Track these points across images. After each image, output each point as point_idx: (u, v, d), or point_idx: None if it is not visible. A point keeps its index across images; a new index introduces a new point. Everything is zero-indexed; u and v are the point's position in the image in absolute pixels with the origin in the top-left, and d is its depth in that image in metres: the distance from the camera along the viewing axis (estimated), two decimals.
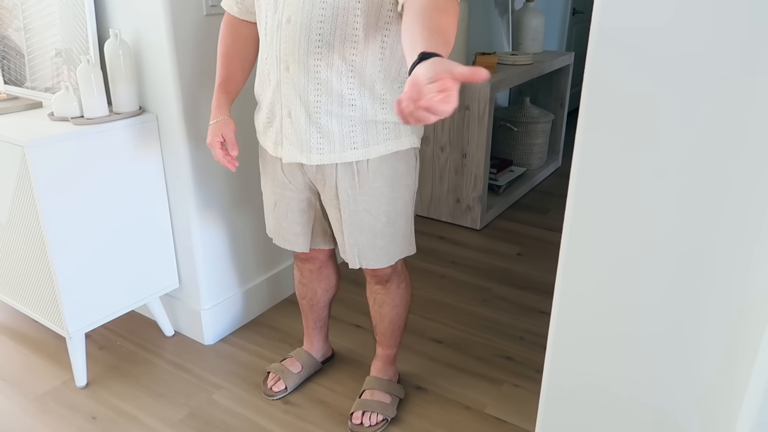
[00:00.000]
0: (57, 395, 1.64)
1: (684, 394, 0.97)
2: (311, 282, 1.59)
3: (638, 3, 0.83)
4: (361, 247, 1.34)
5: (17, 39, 1.82)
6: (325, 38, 1.15)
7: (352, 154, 1.24)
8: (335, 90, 1.19)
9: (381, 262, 1.36)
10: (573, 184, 0.96)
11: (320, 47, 1.16)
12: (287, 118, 1.25)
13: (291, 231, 1.42)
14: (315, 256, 1.53)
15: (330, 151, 1.24)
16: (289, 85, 1.21)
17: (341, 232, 1.35)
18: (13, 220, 1.56)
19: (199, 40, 1.59)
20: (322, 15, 1.14)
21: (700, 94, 0.82)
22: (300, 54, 1.17)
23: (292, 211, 1.39)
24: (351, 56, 1.17)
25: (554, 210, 2.97)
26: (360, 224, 1.31)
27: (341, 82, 1.19)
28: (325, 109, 1.21)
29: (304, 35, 1.16)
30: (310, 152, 1.25)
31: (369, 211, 1.30)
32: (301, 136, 1.25)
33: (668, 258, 0.91)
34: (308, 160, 1.26)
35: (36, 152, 1.41)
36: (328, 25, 1.15)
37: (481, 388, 1.68)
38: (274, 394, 1.62)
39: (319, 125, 1.23)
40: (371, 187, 1.28)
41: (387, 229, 1.33)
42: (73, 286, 1.56)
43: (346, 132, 1.23)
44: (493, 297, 2.16)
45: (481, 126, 2.55)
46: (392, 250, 1.36)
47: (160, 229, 1.74)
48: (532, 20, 3.18)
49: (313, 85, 1.19)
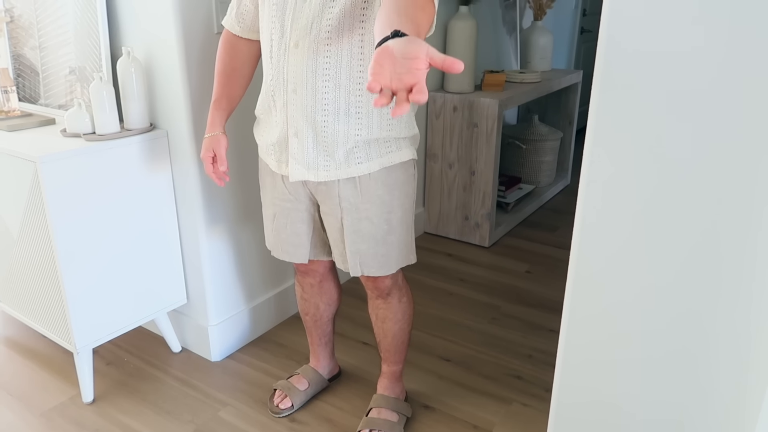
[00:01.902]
0: (63, 411, 1.64)
1: (696, 413, 0.95)
2: (312, 297, 1.59)
3: (645, 23, 0.83)
4: (362, 255, 1.35)
5: (32, 57, 1.85)
6: (332, 62, 1.18)
7: (356, 169, 1.27)
8: (343, 110, 1.21)
9: (383, 269, 1.37)
10: (581, 202, 0.96)
11: (328, 70, 1.18)
12: (294, 137, 1.26)
13: (290, 242, 1.43)
14: (315, 269, 1.53)
15: (336, 167, 1.26)
16: (296, 106, 1.23)
17: (341, 241, 1.36)
18: (25, 235, 1.58)
19: (209, 58, 1.61)
20: (329, 39, 1.16)
21: (707, 112, 0.82)
22: (308, 77, 1.19)
23: (291, 222, 1.40)
24: (358, 76, 1.19)
25: (563, 227, 2.96)
26: (361, 232, 1.32)
27: (349, 102, 1.21)
28: (332, 129, 1.23)
29: (312, 59, 1.18)
30: (317, 170, 1.27)
31: (370, 219, 1.31)
32: (307, 155, 1.26)
33: (678, 275, 0.90)
34: (315, 177, 1.28)
35: (48, 168, 1.43)
36: (335, 49, 1.17)
37: (490, 407, 1.66)
38: (281, 412, 1.61)
39: (326, 144, 1.25)
40: (372, 195, 1.30)
41: (388, 237, 1.34)
42: (81, 301, 1.56)
43: (350, 149, 1.25)
44: (501, 315, 2.14)
45: (490, 143, 2.55)
46: (393, 258, 1.37)
47: (168, 245, 1.75)
48: (541, 38, 3.20)
49: (320, 106, 1.21)
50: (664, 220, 0.89)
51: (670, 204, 0.88)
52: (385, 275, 1.40)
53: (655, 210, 0.90)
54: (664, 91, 0.84)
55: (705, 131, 0.83)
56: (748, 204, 0.82)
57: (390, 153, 1.28)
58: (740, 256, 0.85)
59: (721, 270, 0.87)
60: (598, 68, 0.88)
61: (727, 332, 0.88)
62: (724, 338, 0.89)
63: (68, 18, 1.69)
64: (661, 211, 0.89)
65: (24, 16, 1.83)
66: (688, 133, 0.84)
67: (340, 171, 1.26)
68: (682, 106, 0.84)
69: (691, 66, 0.82)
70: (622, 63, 0.86)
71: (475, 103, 2.54)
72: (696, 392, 0.94)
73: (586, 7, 4.45)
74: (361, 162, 1.26)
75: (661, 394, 0.97)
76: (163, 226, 1.72)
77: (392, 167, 1.30)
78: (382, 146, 1.27)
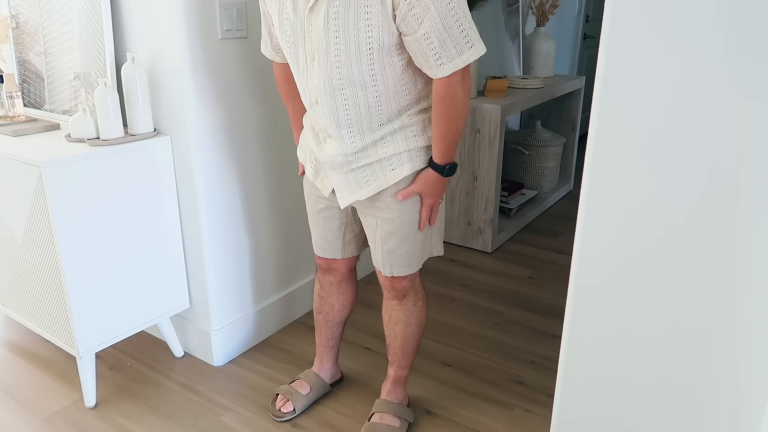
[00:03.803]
0: (66, 415, 1.64)
1: (697, 418, 0.95)
2: (330, 296, 1.61)
3: (646, 29, 0.83)
4: (393, 255, 1.39)
5: (37, 63, 1.86)
6: (352, 112, 1.25)
7: (393, 175, 1.32)
8: (369, 143, 1.29)
9: (412, 267, 1.42)
10: (583, 208, 0.96)
11: (349, 120, 1.27)
12: (332, 171, 1.35)
13: (323, 237, 1.51)
14: (338, 268, 1.56)
15: (375, 179, 1.32)
16: (330, 148, 1.32)
17: (375, 240, 1.40)
18: (29, 239, 1.58)
19: (213, 64, 1.62)
20: (344, 95, 1.23)
21: (708, 117, 0.82)
22: (333, 129, 1.28)
23: (323, 217, 1.47)
24: (377, 111, 1.26)
25: (566, 233, 2.96)
26: (394, 231, 1.37)
27: (374, 135, 1.28)
28: (363, 158, 1.31)
29: (333, 113, 1.26)
30: (360, 189, 1.34)
31: (402, 219, 1.36)
32: (349, 183, 1.34)
33: (679, 282, 0.90)
34: (362, 196, 1.35)
35: (52, 172, 1.43)
36: (351, 101, 1.24)
37: (492, 412, 1.66)
38: (283, 416, 1.61)
39: (362, 170, 1.32)
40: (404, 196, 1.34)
41: (418, 235, 1.39)
42: (84, 306, 1.57)
43: (384, 162, 1.31)
44: (504, 320, 2.14)
45: (492, 149, 2.56)
46: (419, 255, 1.42)
47: (171, 249, 1.75)
48: (543, 44, 3.21)
49: (349, 148, 1.29)
50: (665, 226, 0.89)
51: (671, 210, 0.88)
52: (405, 276, 1.43)
53: (657, 215, 0.90)
54: (666, 97, 0.84)
55: (706, 137, 0.83)
56: (749, 213, 0.82)
57: (419, 158, 1.32)
58: (741, 264, 0.85)
59: (721, 276, 0.87)
60: (599, 74, 0.89)
61: (727, 337, 0.88)
62: (723, 343, 0.89)
63: (73, 24, 1.70)
64: (663, 217, 0.89)
65: (29, 22, 1.84)
66: (689, 139, 0.84)
67: (380, 182, 1.32)
68: (684, 112, 0.84)
69: (692, 71, 0.82)
70: (624, 69, 0.86)
71: (478, 108, 2.55)
72: (696, 397, 0.94)
73: (588, 14, 4.46)
74: (394, 168, 1.31)
75: (662, 399, 0.97)
76: (166, 231, 1.73)
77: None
78: (413, 152, 1.31)
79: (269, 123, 1.84)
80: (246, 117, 1.76)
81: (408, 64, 1.22)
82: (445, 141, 1.27)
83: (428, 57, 1.16)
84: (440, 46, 1.13)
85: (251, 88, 1.75)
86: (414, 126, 1.29)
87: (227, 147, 1.73)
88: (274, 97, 1.84)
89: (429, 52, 1.15)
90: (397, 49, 1.18)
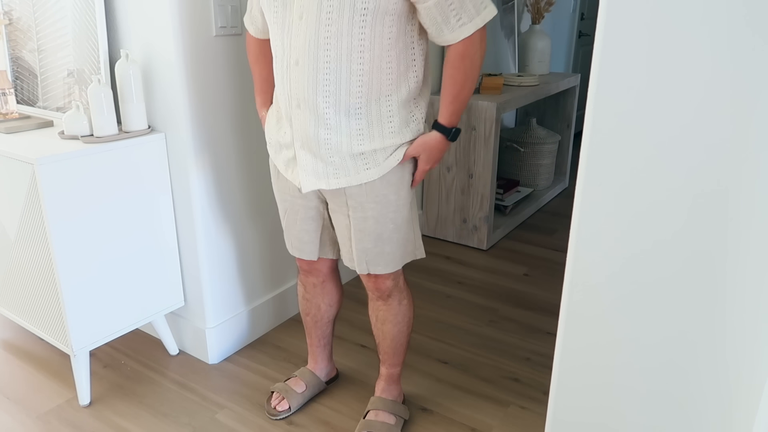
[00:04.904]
0: (60, 414, 1.64)
1: (693, 416, 0.95)
2: (314, 297, 1.60)
3: (641, 26, 0.83)
4: (368, 253, 1.37)
5: (31, 60, 1.85)
6: (332, 79, 1.20)
7: (366, 175, 1.29)
8: (344, 126, 1.24)
9: (389, 266, 1.39)
10: (578, 205, 0.96)
11: (327, 86, 1.21)
12: (301, 150, 1.30)
13: (299, 239, 1.46)
14: (319, 269, 1.54)
15: (345, 175, 1.29)
16: (300, 121, 1.26)
17: (348, 239, 1.37)
18: (22, 237, 1.58)
19: (208, 60, 1.62)
20: (327, 56, 1.18)
21: (705, 116, 0.82)
22: (308, 94, 1.22)
23: (301, 219, 1.43)
24: (357, 92, 1.22)
25: (561, 230, 2.96)
26: (367, 230, 1.34)
27: (350, 118, 1.24)
28: (336, 144, 1.26)
29: (312, 76, 1.20)
30: (327, 178, 1.30)
31: (376, 218, 1.33)
32: (316, 167, 1.30)
33: (675, 279, 0.90)
34: (327, 185, 1.30)
35: (46, 170, 1.43)
36: (334, 67, 1.19)
37: (488, 409, 1.66)
38: (278, 414, 1.61)
39: (331, 158, 1.28)
40: (378, 195, 1.31)
41: (394, 235, 1.36)
42: (78, 304, 1.56)
43: (358, 159, 1.28)
44: (499, 318, 2.14)
45: (488, 146, 2.56)
46: (399, 255, 1.39)
47: (166, 247, 1.75)
48: (539, 42, 3.21)
49: (322, 122, 1.24)
50: (660, 224, 0.90)
51: (667, 207, 0.88)
52: (387, 276, 1.41)
53: (652, 213, 0.90)
54: (661, 95, 0.85)
55: (703, 135, 0.83)
56: (748, 213, 0.83)
57: (396, 155, 1.29)
58: (734, 264, 0.85)
59: (717, 275, 0.87)
60: (594, 72, 0.89)
61: (719, 341, 0.89)
62: (715, 346, 0.89)
63: (67, 21, 1.69)
64: (658, 215, 0.89)
65: (23, 18, 1.83)
66: (685, 138, 0.84)
67: (350, 178, 1.29)
68: (680, 110, 0.84)
69: (688, 69, 0.82)
70: (619, 67, 0.86)
71: (473, 106, 2.55)
72: (688, 400, 0.94)
73: (583, 11, 4.47)
74: (369, 168, 1.28)
75: (657, 397, 0.98)
76: (161, 228, 1.72)
77: (399, 168, 1.31)
78: (389, 151, 1.29)
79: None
80: (240, 114, 1.75)
81: (396, 40, 1.20)
82: (456, 102, 1.26)
83: (449, 18, 1.16)
84: (460, 5, 1.16)
85: (246, 85, 1.75)
86: (393, 120, 1.26)
87: (222, 144, 1.72)
88: None
89: (450, 12, 1.16)
90: (390, 18, 1.17)
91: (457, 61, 1.23)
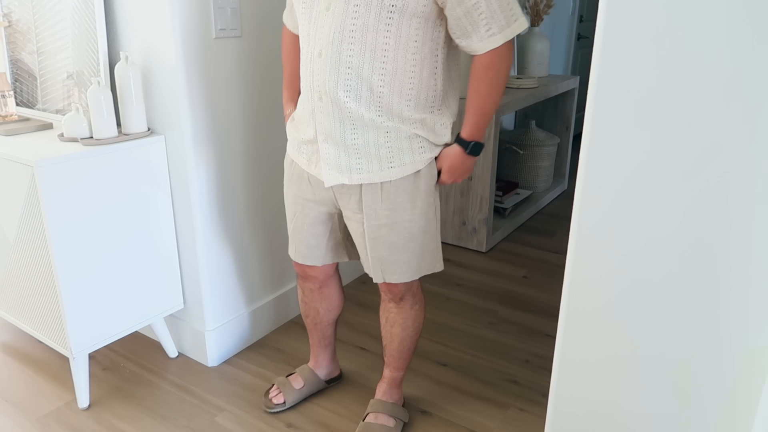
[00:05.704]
0: (59, 416, 1.63)
1: (692, 417, 0.95)
2: (312, 301, 1.60)
3: (640, 28, 0.84)
4: (383, 261, 1.36)
5: (30, 62, 1.85)
6: (354, 72, 1.20)
7: (389, 173, 1.28)
8: (367, 119, 1.24)
9: (405, 276, 1.38)
10: (577, 207, 0.96)
11: (349, 80, 1.20)
12: (324, 143, 1.29)
13: (305, 243, 1.45)
14: (314, 275, 1.54)
15: (369, 171, 1.28)
16: (323, 114, 1.26)
17: (364, 246, 1.37)
18: (21, 239, 1.58)
19: (207, 63, 1.62)
20: (351, 50, 1.18)
21: (704, 116, 0.82)
22: (330, 86, 1.22)
23: (309, 223, 1.42)
24: (379, 88, 1.21)
25: (560, 232, 2.96)
26: (381, 238, 1.33)
27: (371, 111, 1.23)
28: (362, 139, 1.25)
29: (334, 69, 1.20)
30: (350, 173, 1.29)
31: (390, 226, 1.32)
32: (340, 160, 1.28)
33: (674, 280, 0.90)
34: (350, 180, 1.29)
35: (45, 172, 1.43)
36: (356, 60, 1.18)
37: (487, 412, 1.66)
38: (273, 407, 1.63)
39: (357, 150, 1.27)
40: (392, 202, 1.30)
41: (410, 245, 1.35)
42: (78, 306, 1.56)
43: (383, 154, 1.27)
44: (498, 320, 2.14)
45: (487, 148, 2.56)
46: (416, 265, 1.38)
47: (165, 249, 1.74)
48: (538, 44, 3.21)
49: (346, 114, 1.24)
50: (659, 225, 0.90)
51: (665, 209, 0.88)
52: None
53: (651, 215, 0.90)
54: (659, 97, 0.85)
55: (703, 136, 0.83)
56: (749, 211, 0.83)
57: (423, 153, 1.29)
58: (735, 262, 0.85)
59: (716, 274, 0.87)
60: (593, 74, 0.89)
61: (722, 333, 0.89)
62: (718, 339, 0.89)
63: (66, 23, 1.69)
64: (657, 216, 0.89)
65: (22, 20, 1.83)
66: (684, 138, 0.85)
67: (373, 174, 1.28)
68: (679, 112, 0.84)
69: (687, 71, 0.82)
70: (618, 69, 0.87)
71: None
72: (691, 393, 0.94)
73: (582, 14, 4.48)
74: (393, 166, 1.28)
75: (656, 398, 0.98)
76: (160, 230, 1.72)
77: (417, 175, 1.30)
78: (416, 149, 1.28)
79: (264, 122, 1.84)
80: (240, 116, 1.75)
81: (422, 45, 1.19)
82: (478, 114, 1.25)
83: (479, 27, 1.15)
84: (490, 14, 1.14)
85: (246, 87, 1.75)
86: (414, 123, 1.26)
87: (221, 146, 1.72)
88: (269, 97, 1.83)
89: (480, 21, 1.14)
90: (417, 21, 1.16)
91: (482, 72, 1.21)
